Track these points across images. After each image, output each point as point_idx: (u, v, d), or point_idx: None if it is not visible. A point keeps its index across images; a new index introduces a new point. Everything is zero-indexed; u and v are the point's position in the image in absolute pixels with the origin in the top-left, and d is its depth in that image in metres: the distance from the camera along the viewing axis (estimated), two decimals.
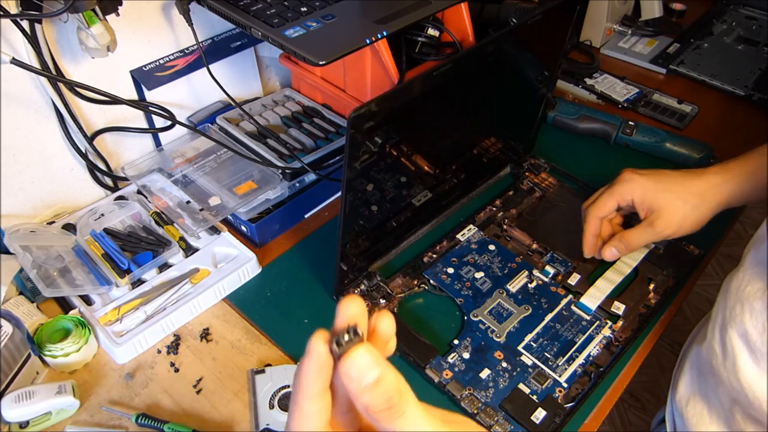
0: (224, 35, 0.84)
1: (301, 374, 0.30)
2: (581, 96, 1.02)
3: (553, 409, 0.58)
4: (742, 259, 0.53)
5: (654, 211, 0.62)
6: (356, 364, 0.28)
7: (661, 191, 0.61)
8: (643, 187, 0.62)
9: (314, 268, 0.72)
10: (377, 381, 0.28)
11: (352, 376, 0.28)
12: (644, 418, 1.57)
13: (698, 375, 0.58)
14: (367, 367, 0.28)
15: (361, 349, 0.28)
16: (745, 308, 0.49)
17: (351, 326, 0.29)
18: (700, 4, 1.25)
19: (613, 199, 0.64)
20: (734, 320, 0.50)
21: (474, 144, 0.79)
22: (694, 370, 0.59)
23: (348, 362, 0.28)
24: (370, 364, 0.28)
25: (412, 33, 0.80)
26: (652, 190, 0.62)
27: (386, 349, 0.32)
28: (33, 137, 0.71)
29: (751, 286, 0.49)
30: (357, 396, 0.28)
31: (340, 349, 0.29)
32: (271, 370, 0.61)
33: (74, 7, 0.59)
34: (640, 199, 0.62)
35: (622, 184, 0.64)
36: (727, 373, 0.51)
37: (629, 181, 0.63)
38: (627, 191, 0.63)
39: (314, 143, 0.82)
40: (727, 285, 0.54)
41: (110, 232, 0.73)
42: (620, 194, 0.63)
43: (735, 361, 0.50)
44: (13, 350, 0.56)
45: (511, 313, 0.67)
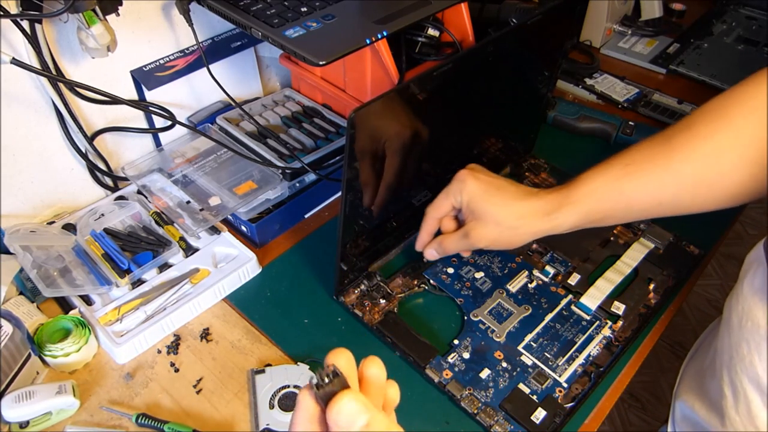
0: (224, 35, 0.84)
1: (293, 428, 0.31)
2: (581, 96, 1.02)
3: (553, 409, 0.58)
4: (739, 280, 0.52)
5: (474, 219, 0.61)
6: (344, 412, 0.29)
7: (485, 202, 0.59)
8: (471, 192, 0.60)
9: (314, 268, 0.72)
10: (367, 425, 0.29)
11: (341, 424, 0.29)
12: (644, 418, 1.57)
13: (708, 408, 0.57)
14: (355, 414, 0.29)
15: (346, 397, 0.29)
16: (752, 348, 0.48)
17: (329, 367, 0.30)
18: (700, 4, 1.25)
19: (448, 201, 0.62)
20: (743, 362, 0.49)
21: (474, 144, 0.79)
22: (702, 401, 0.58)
23: (335, 411, 0.29)
24: (358, 411, 0.29)
25: (412, 33, 0.80)
26: (477, 198, 0.59)
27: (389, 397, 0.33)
28: (33, 137, 0.71)
29: (752, 322, 0.48)
30: None
31: (319, 390, 0.29)
32: (271, 370, 0.61)
33: (74, 7, 0.59)
34: (466, 203, 0.60)
35: (455, 183, 0.62)
36: (740, 417, 0.50)
37: (461, 181, 0.61)
38: (457, 192, 0.61)
39: (314, 143, 0.82)
40: (728, 313, 0.53)
41: (110, 232, 0.73)
42: (453, 195, 0.61)
43: (749, 406, 0.49)
44: (13, 350, 0.56)
45: (511, 313, 0.67)
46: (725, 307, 0.54)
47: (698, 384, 0.59)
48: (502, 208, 0.59)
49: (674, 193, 0.54)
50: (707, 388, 0.56)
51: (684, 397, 0.60)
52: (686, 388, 0.61)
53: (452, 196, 0.62)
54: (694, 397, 0.58)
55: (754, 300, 0.49)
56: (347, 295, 0.68)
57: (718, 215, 0.65)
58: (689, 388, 0.60)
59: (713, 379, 0.54)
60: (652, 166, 0.54)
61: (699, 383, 0.59)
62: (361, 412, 0.29)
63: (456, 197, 0.61)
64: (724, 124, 0.51)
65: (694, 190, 0.53)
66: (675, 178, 0.53)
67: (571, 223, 0.58)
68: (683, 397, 0.60)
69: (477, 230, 0.60)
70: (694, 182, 0.52)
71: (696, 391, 0.59)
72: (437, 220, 0.65)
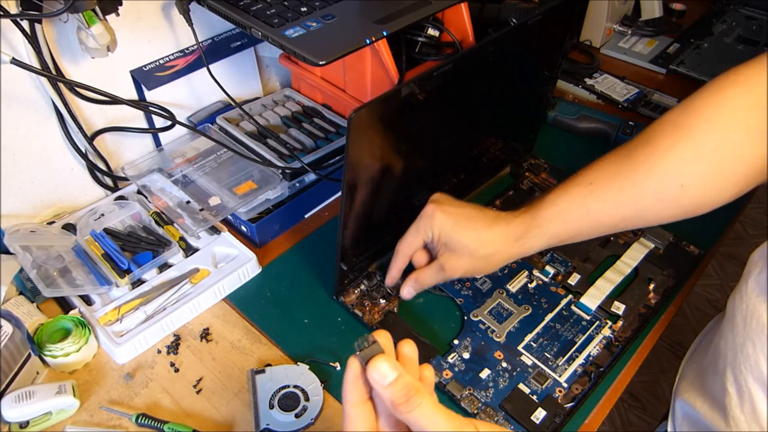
0: (224, 35, 0.84)
1: (343, 388, 0.39)
2: (581, 96, 1.02)
3: (553, 409, 0.58)
4: (743, 278, 0.52)
5: (447, 251, 0.61)
6: (377, 368, 0.37)
7: (456, 234, 0.59)
8: (441, 226, 0.60)
9: (314, 268, 0.72)
10: (395, 380, 0.37)
11: (375, 377, 0.37)
12: (644, 418, 1.57)
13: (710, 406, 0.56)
14: (386, 370, 0.37)
15: (380, 358, 0.37)
16: (758, 347, 0.48)
17: (370, 337, 0.38)
18: (700, 4, 1.25)
19: (418, 237, 0.62)
20: (748, 361, 0.49)
21: (474, 144, 0.79)
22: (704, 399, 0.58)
23: (371, 368, 0.37)
24: (389, 368, 0.37)
25: (412, 33, 0.80)
26: (448, 231, 0.60)
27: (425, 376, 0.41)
28: (33, 137, 0.71)
29: (758, 321, 0.48)
30: (382, 393, 0.37)
31: (361, 353, 0.37)
32: (271, 370, 0.61)
33: (74, 7, 0.59)
34: (437, 236, 0.61)
35: (423, 219, 0.62)
36: (744, 416, 0.50)
37: (430, 217, 0.60)
38: (427, 227, 0.61)
39: (314, 143, 0.82)
40: (732, 311, 0.52)
41: (110, 232, 0.73)
42: (423, 230, 0.62)
43: (754, 405, 0.49)
44: (13, 350, 0.56)
45: (511, 313, 0.67)
46: (728, 305, 0.54)
47: (699, 382, 0.59)
48: (473, 238, 0.59)
49: (639, 208, 0.54)
50: (709, 386, 0.56)
51: (685, 396, 0.60)
52: (687, 387, 0.61)
53: (422, 232, 0.62)
54: (695, 396, 0.58)
55: (760, 299, 0.48)
56: (347, 295, 0.68)
57: (718, 215, 0.65)
58: (690, 387, 0.60)
59: (715, 377, 0.54)
60: (615, 184, 0.54)
61: (700, 381, 0.59)
62: (391, 370, 0.37)
63: (427, 233, 0.62)
64: (684, 136, 0.51)
65: (659, 204, 0.53)
66: (639, 193, 0.53)
67: (539, 246, 0.59)
68: (684, 396, 0.60)
69: (451, 262, 0.61)
70: (658, 196, 0.53)
71: (697, 390, 0.59)
72: (409, 257, 0.65)
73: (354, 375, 0.38)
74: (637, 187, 0.53)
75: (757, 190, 0.59)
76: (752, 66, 0.50)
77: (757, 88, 0.49)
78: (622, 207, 0.55)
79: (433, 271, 0.63)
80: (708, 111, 0.50)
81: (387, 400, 0.37)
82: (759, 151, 0.49)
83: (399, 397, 0.36)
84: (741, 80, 0.50)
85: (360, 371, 0.38)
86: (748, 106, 0.49)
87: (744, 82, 0.50)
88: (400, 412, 0.37)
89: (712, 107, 0.50)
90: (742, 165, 0.50)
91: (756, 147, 0.49)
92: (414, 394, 0.37)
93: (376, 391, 0.38)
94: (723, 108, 0.50)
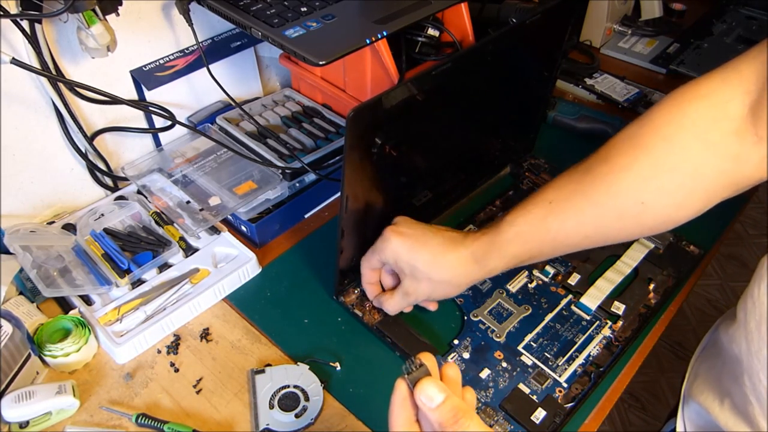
0: (224, 35, 0.84)
1: (390, 409, 0.40)
2: (581, 96, 1.02)
3: (553, 409, 0.58)
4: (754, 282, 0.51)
5: (406, 276, 0.60)
6: (425, 391, 0.38)
7: (412, 260, 0.58)
8: (396, 252, 0.58)
9: (314, 268, 0.72)
10: (443, 402, 0.38)
11: (423, 400, 0.38)
12: (644, 418, 1.57)
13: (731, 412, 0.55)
14: (433, 392, 0.38)
15: (426, 381, 0.38)
16: None
17: (417, 360, 0.39)
18: (700, 4, 1.25)
19: (375, 257, 0.61)
20: (765, 369, 0.48)
21: (474, 144, 0.79)
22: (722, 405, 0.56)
23: (419, 390, 0.38)
24: (436, 390, 0.38)
25: (412, 33, 0.80)
26: (404, 256, 0.58)
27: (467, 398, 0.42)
28: (33, 137, 0.71)
29: None
30: (430, 415, 0.38)
31: (409, 376, 0.39)
32: (271, 370, 0.61)
33: (74, 7, 0.59)
34: (394, 261, 0.59)
35: (380, 242, 0.60)
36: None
37: (386, 240, 0.59)
38: (384, 251, 0.59)
39: (314, 143, 0.82)
40: (743, 316, 0.52)
41: (110, 232, 0.73)
42: (379, 253, 0.61)
43: None
44: (13, 350, 0.56)
45: (511, 313, 0.67)
46: (739, 309, 0.53)
47: (716, 386, 0.58)
48: (430, 264, 0.58)
49: (600, 226, 0.53)
50: (729, 392, 0.55)
51: (699, 399, 0.59)
52: (701, 389, 0.59)
53: (379, 253, 0.61)
54: (711, 400, 0.57)
55: None
56: (347, 295, 0.68)
57: (718, 215, 0.65)
58: (706, 389, 0.59)
59: (735, 384, 0.53)
60: (574, 203, 0.53)
61: (717, 385, 0.58)
62: (438, 392, 0.38)
63: (381, 255, 0.60)
64: (642, 153, 0.50)
65: (620, 222, 0.53)
66: (598, 211, 0.52)
67: (501, 267, 0.58)
68: (698, 399, 0.59)
69: (412, 287, 0.60)
70: (618, 214, 0.52)
71: (714, 394, 0.57)
72: (372, 271, 0.64)
73: (402, 397, 0.39)
74: (596, 206, 0.52)
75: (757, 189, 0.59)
76: (713, 78, 0.49)
77: (720, 102, 0.47)
78: (582, 226, 0.54)
79: (398, 297, 0.62)
80: (667, 127, 0.49)
81: (435, 422, 0.38)
82: (721, 167, 0.48)
83: (447, 419, 0.37)
84: (703, 93, 0.49)
85: (407, 393, 0.39)
86: (710, 120, 0.48)
87: (706, 96, 0.49)
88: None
89: (670, 124, 0.49)
90: (703, 181, 0.49)
91: (718, 162, 0.48)
92: (462, 416, 0.38)
93: (424, 413, 0.39)
94: (682, 124, 0.48)
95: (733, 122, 0.47)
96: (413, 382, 0.39)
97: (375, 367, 0.63)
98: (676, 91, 0.50)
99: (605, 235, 0.54)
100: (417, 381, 0.38)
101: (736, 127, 0.47)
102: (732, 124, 0.47)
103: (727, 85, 0.48)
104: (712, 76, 0.49)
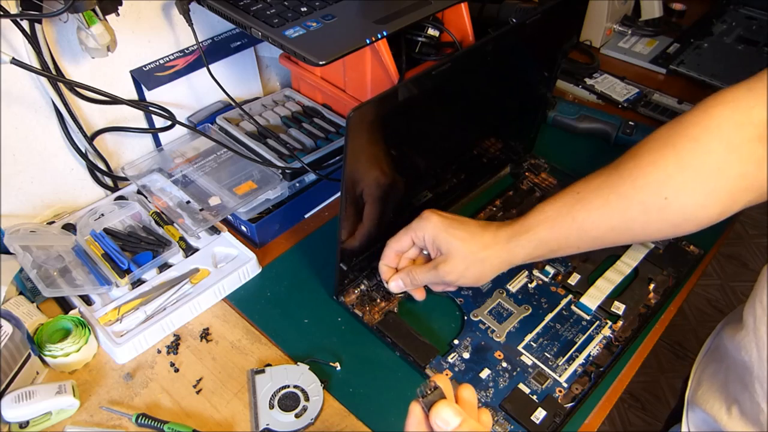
0: (224, 35, 0.84)
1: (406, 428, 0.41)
2: (581, 96, 1.02)
3: (553, 409, 0.58)
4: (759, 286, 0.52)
5: (442, 254, 0.62)
6: (440, 415, 0.38)
7: (451, 236, 0.61)
8: (436, 228, 0.61)
9: (314, 268, 0.72)
10: (459, 426, 0.38)
11: (439, 423, 0.38)
12: (644, 418, 1.57)
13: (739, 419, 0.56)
14: (449, 416, 0.38)
15: (442, 404, 0.39)
16: None
17: (431, 382, 0.39)
18: (700, 4, 1.25)
19: (408, 236, 0.64)
20: None
21: (474, 144, 0.79)
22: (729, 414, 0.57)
23: (434, 414, 0.38)
24: (452, 414, 0.38)
25: (412, 33, 0.80)
26: (443, 233, 0.61)
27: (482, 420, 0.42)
28: (33, 137, 0.71)
29: None
30: None
31: (423, 399, 0.39)
32: (271, 370, 0.61)
33: (74, 7, 0.59)
34: (431, 239, 0.62)
35: (418, 221, 0.63)
36: None
37: (425, 220, 0.62)
38: (420, 229, 0.62)
39: (314, 143, 0.82)
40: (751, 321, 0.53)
41: (110, 232, 0.73)
42: (415, 231, 0.63)
43: None
44: (13, 350, 0.56)
45: (511, 313, 0.67)
46: (746, 314, 0.54)
47: (722, 393, 0.58)
48: (467, 241, 0.61)
49: (625, 219, 0.55)
50: (737, 399, 0.56)
51: (705, 407, 0.59)
52: (706, 397, 0.60)
53: (412, 232, 0.63)
54: (717, 408, 0.58)
55: None
56: (347, 295, 0.68)
57: None
58: (711, 397, 0.59)
59: (744, 391, 0.54)
60: (601, 193, 0.56)
61: (723, 392, 0.58)
62: (454, 415, 0.38)
63: (418, 234, 0.63)
64: (669, 152, 0.52)
65: (644, 216, 0.54)
66: (624, 203, 0.55)
67: (527, 253, 0.60)
68: (704, 406, 0.60)
69: (445, 264, 0.61)
70: (643, 208, 0.54)
71: (720, 401, 0.58)
72: (397, 254, 0.66)
73: (417, 421, 0.40)
74: (622, 198, 0.55)
75: None
76: (740, 87, 0.51)
77: (744, 108, 0.50)
78: (607, 217, 0.56)
79: (427, 269, 0.63)
80: (694, 129, 0.52)
81: None
82: (743, 170, 0.50)
83: None
84: (728, 100, 0.51)
85: (423, 417, 0.40)
86: (734, 125, 0.50)
87: (731, 102, 0.51)
88: None
89: (697, 126, 0.52)
90: (726, 182, 0.51)
91: (740, 165, 0.50)
92: None
93: None
94: (708, 126, 0.51)
95: (756, 128, 0.49)
96: (428, 406, 0.39)
97: (375, 367, 0.63)
98: (708, 97, 0.53)
99: (631, 229, 0.56)
100: (432, 404, 0.39)
101: (759, 133, 0.49)
102: (755, 130, 0.49)
103: (751, 93, 0.50)
104: (739, 85, 0.51)
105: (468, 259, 0.61)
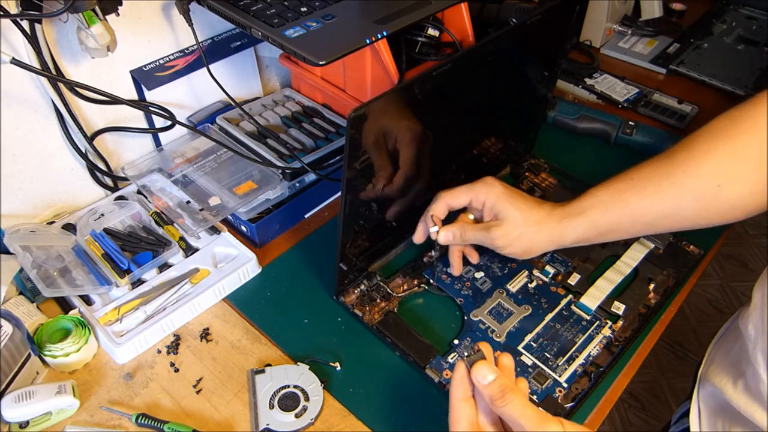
0: (224, 35, 0.84)
1: (451, 385, 0.47)
2: (581, 96, 1.02)
3: (553, 409, 0.58)
4: None
5: (497, 219, 0.63)
6: (479, 370, 0.45)
7: (510, 204, 0.62)
8: (498, 194, 0.63)
9: (314, 268, 0.72)
10: (494, 380, 0.44)
11: (477, 377, 0.45)
12: (644, 418, 1.57)
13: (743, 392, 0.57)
14: (486, 372, 0.45)
15: (481, 362, 0.45)
16: None
17: (474, 346, 0.47)
18: (700, 4, 1.25)
19: (469, 194, 0.65)
20: None
21: (474, 144, 0.79)
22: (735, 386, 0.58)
23: (474, 370, 0.45)
24: (488, 370, 0.45)
25: (412, 33, 0.80)
26: (504, 200, 0.63)
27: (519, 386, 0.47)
28: (33, 137, 0.71)
29: None
30: (482, 390, 0.44)
31: (468, 358, 0.46)
32: (271, 370, 0.61)
33: (74, 7, 0.59)
34: (491, 203, 0.63)
35: (482, 184, 0.64)
36: None
37: (489, 184, 0.64)
38: (483, 192, 0.64)
39: (314, 143, 0.82)
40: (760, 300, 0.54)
41: (110, 232, 0.73)
42: (477, 192, 0.64)
43: None
44: (13, 350, 0.56)
45: (511, 313, 0.67)
46: (755, 293, 0.55)
47: (731, 368, 0.59)
48: (524, 212, 0.62)
49: (677, 205, 0.57)
50: (743, 373, 0.57)
51: (714, 380, 0.61)
52: (716, 372, 0.61)
53: (474, 194, 0.64)
54: (725, 381, 0.59)
55: None
56: (347, 295, 0.68)
57: None
58: (721, 372, 0.61)
59: (749, 365, 0.55)
60: (655, 180, 0.57)
61: (732, 368, 0.59)
62: (490, 371, 0.44)
63: (480, 197, 0.64)
64: (723, 142, 0.54)
65: (696, 203, 0.56)
66: (677, 191, 0.56)
67: (577, 234, 0.61)
68: (713, 380, 0.61)
69: (498, 228, 0.63)
70: (695, 196, 0.55)
71: (729, 376, 0.59)
72: (447, 207, 0.66)
73: (460, 375, 0.46)
74: (675, 186, 0.56)
75: None
76: None
77: None
78: (660, 204, 0.57)
79: (479, 228, 0.64)
80: (747, 121, 0.53)
81: (486, 396, 0.44)
82: None
83: (495, 393, 0.43)
84: None
85: (465, 373, 0.46)
86: None
87: None
88: (496, 406, 0.44)
89: (750, 118, 0.53)
90: None
91: None
92: (508, 391, 0.43)
93: (478, 389, 0.45)
94: (762, 119, 0.52)
95: None
96: (470, 364, 0.45)
97: (375, 367, 0.63)
98: (761, 92, 0.54)
99: (682, 216, 0.57)
100: (473, 363, 0.45)
101: None
102: None
103: None
104: None
105: (520, 229, 0.62)
